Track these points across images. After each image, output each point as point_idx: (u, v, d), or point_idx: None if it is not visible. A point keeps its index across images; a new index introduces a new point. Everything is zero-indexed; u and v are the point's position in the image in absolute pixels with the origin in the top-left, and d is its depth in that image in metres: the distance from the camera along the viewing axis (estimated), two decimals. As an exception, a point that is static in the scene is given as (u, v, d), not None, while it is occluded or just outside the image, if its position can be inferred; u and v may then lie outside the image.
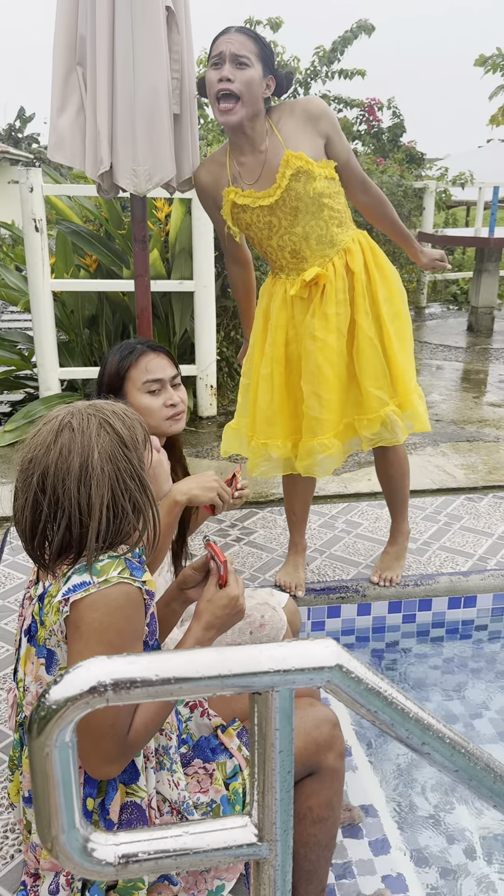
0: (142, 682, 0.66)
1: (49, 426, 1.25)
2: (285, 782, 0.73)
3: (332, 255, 2.36)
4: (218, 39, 2.18)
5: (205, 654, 0.69)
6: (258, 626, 1.95)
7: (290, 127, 2.25)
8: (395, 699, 0.72)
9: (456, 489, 3.73)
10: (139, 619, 1.23)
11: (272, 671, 0.68)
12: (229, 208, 2.33)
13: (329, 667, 0.70)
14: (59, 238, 4.93)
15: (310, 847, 1.64)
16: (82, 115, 2.36)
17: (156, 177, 2.32)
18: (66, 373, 4.73)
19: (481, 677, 2.66)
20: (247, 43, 2.15)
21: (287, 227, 2.30)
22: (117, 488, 1.23)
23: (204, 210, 2.48)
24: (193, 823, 0.75)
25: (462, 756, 0.76)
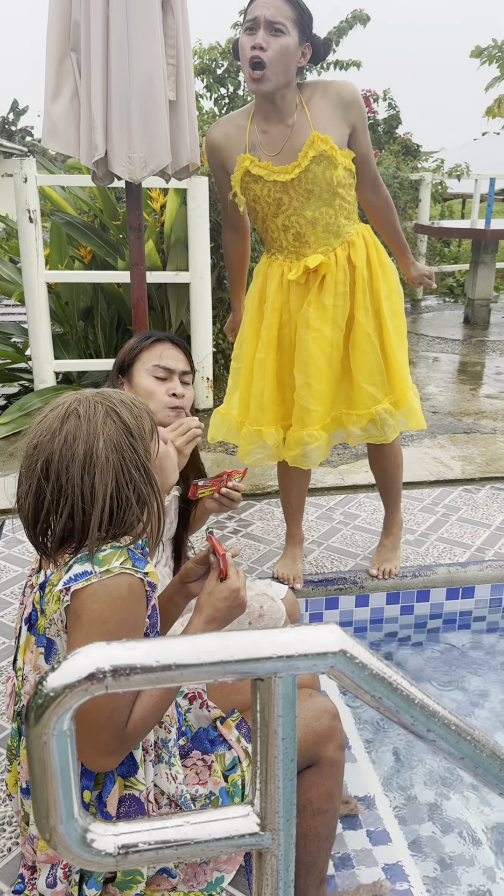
0: (142, 668, 0.64)
1: (55, 412, 1.23)
2: (288, 770, 0.71)
3: (336, 246, 2.32)
4: (254, 2, 2.09)
5: (206, 639, 0.67)
6: (257, 617, 1.94)
7: (320, 108, 2.19)
8: (401, 685, 0.71)
9: (453, 480, 3.72)
10: (141, 611, 1.22)
11: (275, 657, 0.67)
12: (240, 175, 2.26)
13: (333, 652, 0.68)
14: (53, 229, 4.89)
15: (310, 839, 1.63)
16: (76, 101, 2.33)
17: (151, 164, 2.30)
18: (60, 365, 4.70)
19: (479, 668, 2.65)
20: (283, 8, 2.07)
21: (296, 209, 2.25)
22: (122, 478, 1.21)
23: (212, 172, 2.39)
24: (194, 813, 0.73)
25: (468, 743, 0.74)
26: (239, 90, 12.12)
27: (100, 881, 1.35)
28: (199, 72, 11.93)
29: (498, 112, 14.46)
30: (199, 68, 11.92)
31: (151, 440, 1.29)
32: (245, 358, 2.49)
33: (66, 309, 5.00)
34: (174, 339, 1.86)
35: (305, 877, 1.65)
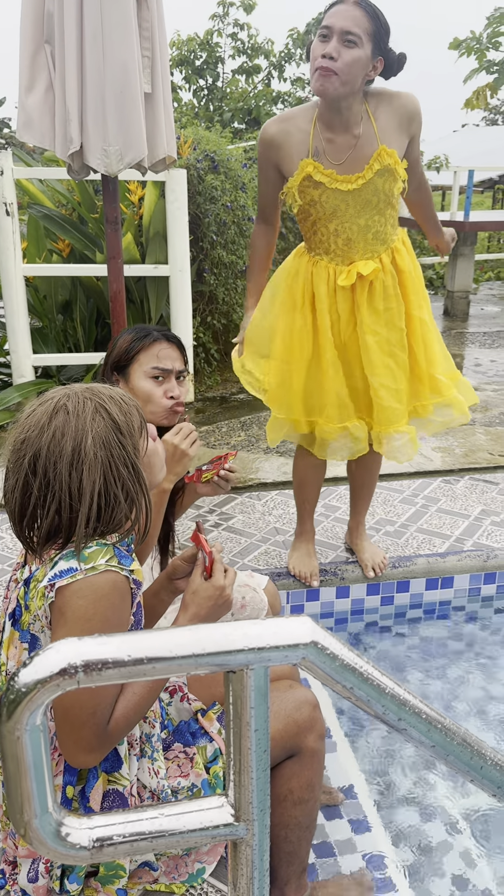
0: (113, 662, 0.65)
1: (44, 407, 1.23)
2: (261, 762, 0.72)
3: (381, 252, 2.34)
4: (332, 9, 2.06)
5: (178, 633, 0.68)
6: (239, 608, 1.95)
7: (385, 119, 2.19)
8: (371, 675, 0.72)
9: (433, 472, 3.75)
10: (125, 609, 1.22)
11: (247, 649, 0.67)
12: (301, 179, 2.24)
13: (304, 644, 0.69)
14: (30, 222, 4.85)
15: (290, 828, 1.64)
16: (51, 93, 2.31)
17: (127, 157, 2.28)
18: (39, 359, 4.67)
19: (459, 657, 2.68)
20: (361, 20, 2.03)
21: (351, 217, 2.26)
22: (110, 475, 1.21)
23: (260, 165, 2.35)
24: (169, 805, 0.74)
25: (438, 732, 0.75)
26: (218, 82, 12.07)
27: (81, 876, 1.35)
28: (178, 63, 11.86)
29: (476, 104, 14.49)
30: (177, 59, 11.86)
31: (140, 437, 1.29)
32: (298, 358, 2.44)
33: (44, 303, 4.97)
34: (170, 337, 1.85)
35: (287, 866, 1.66)
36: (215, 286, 5.12)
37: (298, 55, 11.11)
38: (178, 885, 1.49)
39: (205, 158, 5.06)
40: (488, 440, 4.21)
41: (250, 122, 11.28)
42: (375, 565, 2.79)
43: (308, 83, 11.49)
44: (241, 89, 11.67)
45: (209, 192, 4.99)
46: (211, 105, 11.82)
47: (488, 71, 13.05)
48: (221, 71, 11.81)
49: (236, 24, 11.37)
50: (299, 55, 11.06)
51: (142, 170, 2.44)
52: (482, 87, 14.20)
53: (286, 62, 11.29)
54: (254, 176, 5.61)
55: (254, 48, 11.42)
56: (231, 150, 5.54)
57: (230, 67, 11.84)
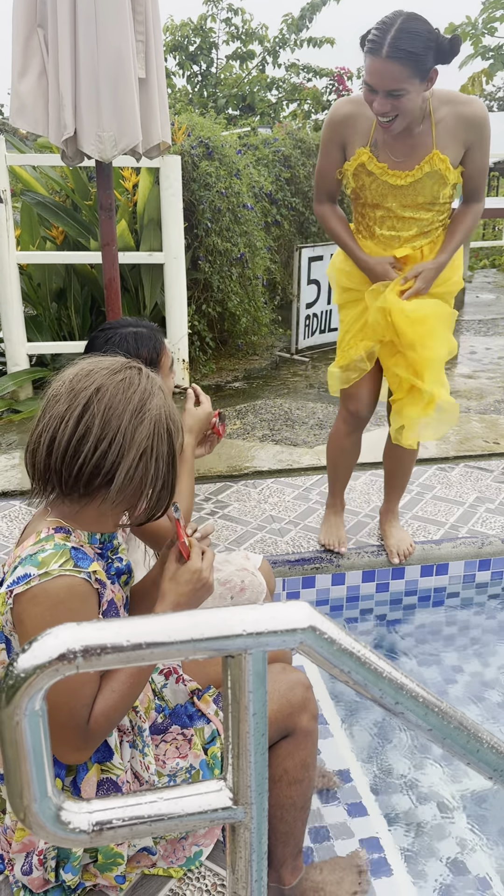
0: (112, 647, 0.65)
1: (110, 360, 1.24)
2: (259, 745, 0.73)
3: (424, 244, 2.39)
4: (370, 61, 2.03)
5: (176, 618, 0.68)
6: (238, 591, 1.96)
7: (446, 125, 2.20)
8: (369, 660, 0.72)
9: (428, 459, 3.75)
10: (88, 610, 1.20)
11: (245, 634, 0.68)
12: (355, 165, 2.30)
13: (302, 628, 0.69)
14: (24, 209, 4.82)
15: (286, 809, 1.65)
16: (44, 79, 2.29)
17: (121, 143, 2.27)
18: (34, 347, 4.65)
19: (454, 643, 2.69)
20: (400, 73, 2.00)
21: (397, 208, 2.31)
22: (154, 446, 1.22)
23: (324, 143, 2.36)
24: (168, 789, 0.74)
25: (435, 715, 0.76)
26: (212, 67, 11.98)
27: (77, 866, 1.36)
28: (171, 49, 11.76)
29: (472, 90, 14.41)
30: (170, 45, 11.76)
31: (179, 438, 1.30)
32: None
33: (38, 290, 4.95)
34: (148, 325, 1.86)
35: (283, 847, 1.68)
36: (210, 274, 5.10)
37: (293, 41, 11.03)
38: (176, 869, 1.50)
39: (199, 145, 5.03)
40: (483, 428, 4.22)
41: (244, 108, 11.22)
42: (400, 552, 2.81)
43: (302, 69, 11.43)
44: (235, 75, 11.59)
45: (203, 179, 4.96)
46: (205, 91, 11.74)
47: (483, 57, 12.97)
48: (215, 57, 11.73)
49: (230, 10, 11.28)
50: (294, 41, 10.98)
51: (136, 156, 2.42)
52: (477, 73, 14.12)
53: (280, 48, 11.20)
54: (248, 163, 5.59)
55: (248, 33, 11.33)
56: (225, 137, 5.51)
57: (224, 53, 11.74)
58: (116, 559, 1.38)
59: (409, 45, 1.97)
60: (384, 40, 1.98)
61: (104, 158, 2.29)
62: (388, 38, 1.97)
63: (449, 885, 1.82)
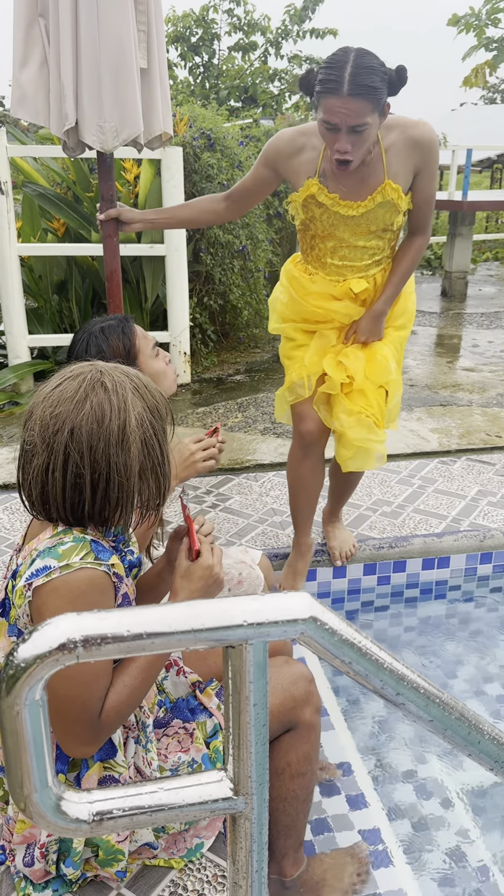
0: (112, 637, 0.65)
1: (76, 382, 1.17)
2: (260, 735, 0.72)
3: (376, 272, 2.35)
4: (328, 101, 1.96)
5: (177, 608, 0.68)
6: (236, 584, 1.96)
7: (396, 153, 2.15)
8: (370, 650, 0.72)
9: (430, 453, 3.75)
10: (107, 604, 1.20)
11: (246, 624, 0.67)
12: (304, 197, 2.23)
13: (303, 619, 0.69)
14: (25, 201, 4.81)
15: (288, 801, 1.66)
16: (46, 69, 2.27)
17: (123, 133, 2.26)
18: (35, 340, 4.65)
19: (455, 636, 2.69)
20: (364, 108, 1.95)
21: (350, 238, 2.26)
22: (149, 456, 1.20)
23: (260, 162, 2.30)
24: (168, 779, 0.74)
25: (437, 706, 0.76)
26: (214, 59, 11.93)
27: (77, 860, 1.36)
28: (173, 40, 11.71)
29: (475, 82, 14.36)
30: (172, 36, 11.70)
31: (167, 422, 1.28)
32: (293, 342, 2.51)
33: (39, 283, 4.94)
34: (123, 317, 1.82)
35: (284, 839, 1.68)
36: (212, 266, 5.09)
37: (296, 32, 10.98)
38: (177, 860, 1.51)
39: (201, 136, 5.01)
40: (485, 421, 4.21)
41: (246, 99, 11.17)
42: (342, 553, 2.75)
43: (305, 60, 11.38)
44: (237, 66, 11.54)
45: (205, 171, 4.94)
46: (207, 83, 11.69)
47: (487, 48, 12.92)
48: (217, 48, 11.67)
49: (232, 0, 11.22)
50: (296, 31, 10.93)
51: (137, 146, 2.41)
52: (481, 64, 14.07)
53: (283, 39, 11.15)
54: (251, 154, 5.56)
55: (250, 24, 11.27)
56: (227, 128, 5.49)
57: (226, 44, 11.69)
58: (129, 552, 1.38)
59: (367, 80, 1.93)
60: (342, 78, 1.92)
61: (105, 149, 2.28)
62: (347, 76, 1.92)
63: (450, 876, 1.82)
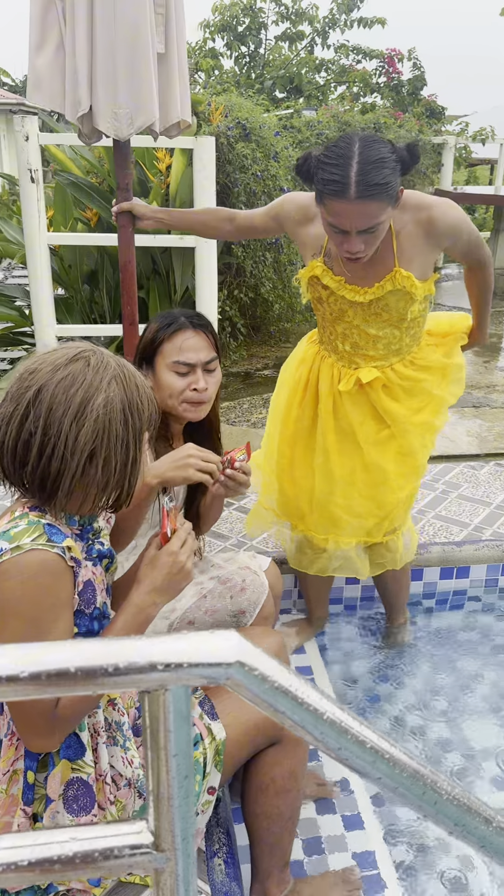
0: (6, 678, 0.58)
1: (65, 350, 1.17)
2: (182, 788, 0.65)
3: (395, 362, 2.11)
4: (334, 204, 1.72)
5: (87, 645, 0.61)
6: (239, 591, 1.88)
7: (409, 238, 1.91)
8: (307, 699, 0.64)
9: (457, 456, 3.62)
10: (61, 588, 1.16)
11: (162, 667, 0.60)
12: (308, 276, 2.04)
13: (228, 663, 0.61)
14: (57, 190, 4.78)
15: (272, 819, 1.59)
16: (62, 52, 2.21)
17: (138, 120, 2.19)
18: (63, 330, 4.62)
19: (472, 650, 2.58)
20: (376, 209, 1.71)
21: (360, 325, 2.04)
22: (104, 444, 1.15)
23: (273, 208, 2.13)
24: (83, 828, 0.68)
25: (386, 763, 0.67)
26: (260, 48, 11.81)
27: None
28: (220, 29, 11.63)
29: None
30: (219, 25, 11.62)
31: (147, 430, 1.22)
32: (284, 457, 2.30)
33: (69, 272, 4.91)
34: (197, 323, 1.72)
35: (268, 858, 1.62)
36: (243, 258, 5.01)
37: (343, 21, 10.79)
38: (147, 879, 1.45)
39: (236, 126, 4.92)
40: (518, 425, 4.06)
41: (292, 90, 11.03)
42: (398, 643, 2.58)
43: (352, 50, 11.19)
44: (283, 56, 11.40)
45: (239, 161, 4.86)
46: (253, 73, 11.58)
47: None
48: (264, 37, 11.55)
49: (281, -12, 11.09)
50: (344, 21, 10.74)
51: (153, 134, 2.34)
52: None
53: (330, 28, 10.98)
54: (287, 144, 5.46)
55: (298, 14, 11.12)
56: (265, 118, 5.39)
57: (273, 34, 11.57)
58: (97, 542, 1.34)
59: (377, 177, 1.68)
60: (348, 179, 1.68)
61: (120, 137, 2.22)
62: (354, 176, 1.67)
63: (445, 908, 1.73)
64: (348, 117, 7.20)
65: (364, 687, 2.40)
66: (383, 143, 1.74)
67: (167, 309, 1.89)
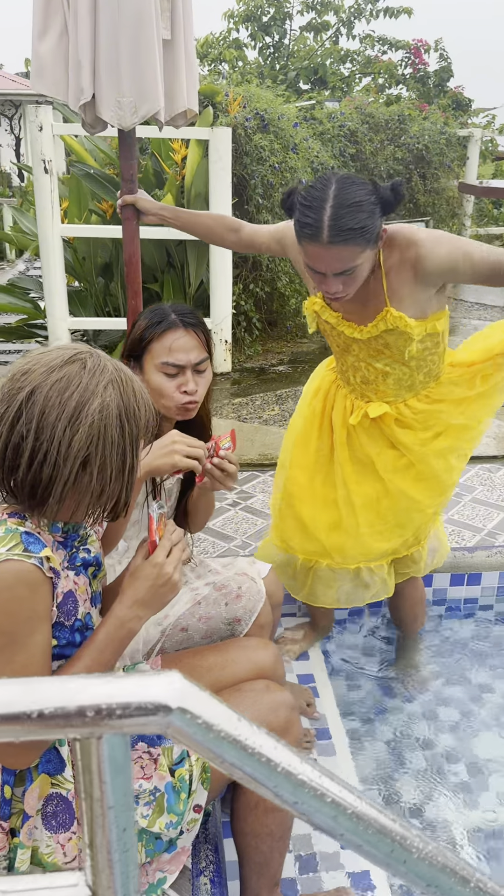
0: None
1: (60, 352, 1.12)
2: (121, 841, 0.59)
3: (408, 397, 2.03)
4: (308, 247, 1.67)
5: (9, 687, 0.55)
6: (234, 598, 1.81)
7: (399, 276, 1.82)
8: (259, 749, 0.57)
9: (473, 457, 3.51)
10: (37, 599, 1.11)
11: (92, 713, 0.54)
12: (310, 311, 1.99)
13: (167, 709, 0.55)
14: (72, 182, 4.74)
15: (261, 838, 1.53)
16: (65, 38, 2.15)
17: (142, 109, 2.12)
18: (76, 323, 4.59)
19: (484, 659, 2.50)
20: (350, 253, 1.65)
21: (366, 359, 1.97)
22: (99, 452, 1.10)
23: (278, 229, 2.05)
24: (16, 878, 0.62)
25: (348, 818, 0.61)
26: (285, 39, 11.67)
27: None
28: (244, 19, 11.51)
29: None
30: (243, 15, 11.50)
31: (144, 438, 1.17)
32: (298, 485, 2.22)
33: (83, 264, 4.87)
34: (188, 322, 1.65)
35: (257, 878, 1.56)
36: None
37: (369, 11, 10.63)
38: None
39: (254, 117, 4.84)
40: (537, 426, 3.95)
41: (316, 81, 10.90)
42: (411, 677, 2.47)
43: (378, 41, 11.03)
44: (308, 47, 11.27)
45: (257, 153, 4.78)
46: (277, 63, 11.46)
47: None
48: (289, 27, 11.42)
49: (306, -22, 10.95)
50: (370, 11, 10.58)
51: (158, 124, 2.27)
52: None
53: (356, 18, 10.82)
54: (306, 136, 5.37)
55: (323, 3, 10.97)
56: (284, 109, 5.29)
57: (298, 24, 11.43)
58: (83, 549, 1.29)
59: (351, 221, 1.61)
60: (321, 223, 1.61)
61: (123, 126, 2.15)
62: (327, 220, 1.61)
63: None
64: (372, 109, 7.07)
65: (370, 697, 2.33)
66: (361, 184, 1.67)
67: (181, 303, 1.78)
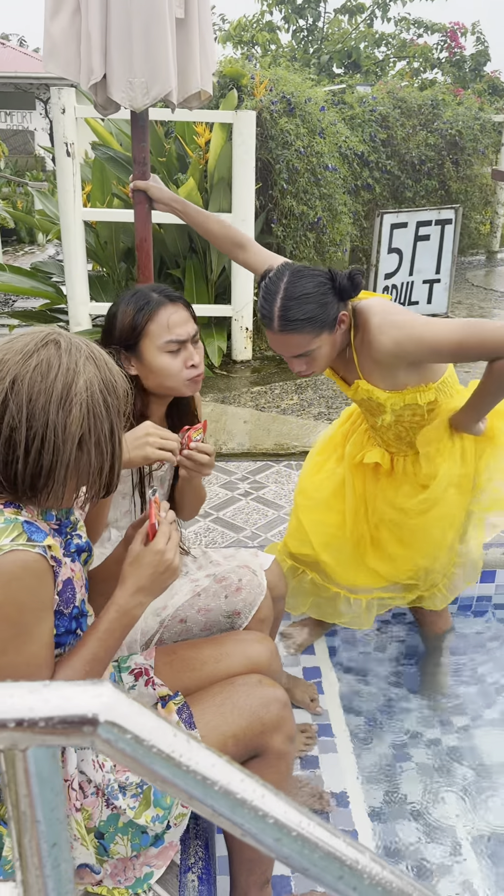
0: None
1: (30, 336, 1.10)
2: (52, 857, 0.56)
3: (411, 453, 2.09)
4: (268, 336, 1.80)
5: None
6: (234, 591, 1.78)
7: (365, 356, 1.86)
8: (193, 766, 0.54)
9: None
10: (44, 589, 1.10)
11: (12, 724, 0.51)
12: None
13: (95, 721, 0.52)
14: (96, 165, 4.71)
15: None
16: (78, 17, 2.11)
17: (153, 90, 2.08)
18: (96, 307, 4.57)
19: (495, 659, 2.45)
20: (301, 340, 1.74)
21: (366, 412, 2.06)
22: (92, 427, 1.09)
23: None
24: None
25: (294, 840, 0.57)
26: (318, 22, 11.50)
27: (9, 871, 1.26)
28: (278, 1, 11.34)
29: None
30: (277, -3, 11.32)
31: (125, 406, 1.17)
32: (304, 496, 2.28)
33: (105, 249, 4.85)
34: (171, 296, 1.64)
35: (246, 875, 1.54)
36: (283, 238, 4.86)
37: (405, -8, 10.42)
38: (122, 890, 1.38)
39: (280, 100, 4.76)
40: None
41: (350, 65, 10.72)
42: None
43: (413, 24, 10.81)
44: (342, 30, 11.08)
45: (282, 137, 4.70)
46: (311, 47, 11.29)
47: None
48: (323, 10, 11.23)
49: (342, -41, 10.76)
50: (406, -8, 10.37)
51: (170, 105, 2.22)
52: None
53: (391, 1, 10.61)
54: (334, 120, 5.27)
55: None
56: (312, 93, 5.20)
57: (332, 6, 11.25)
58: (75, 535, 1.28)
59: (298, 313, 1.70)
60: (273, 314, 1.72)
61: (135, 107, 2.11)
62: (276, 311, 1.71)
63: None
64: (405, 94, 6.92)
65: (376, 693, 2.29)
66: (313, 276, 1.74)
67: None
